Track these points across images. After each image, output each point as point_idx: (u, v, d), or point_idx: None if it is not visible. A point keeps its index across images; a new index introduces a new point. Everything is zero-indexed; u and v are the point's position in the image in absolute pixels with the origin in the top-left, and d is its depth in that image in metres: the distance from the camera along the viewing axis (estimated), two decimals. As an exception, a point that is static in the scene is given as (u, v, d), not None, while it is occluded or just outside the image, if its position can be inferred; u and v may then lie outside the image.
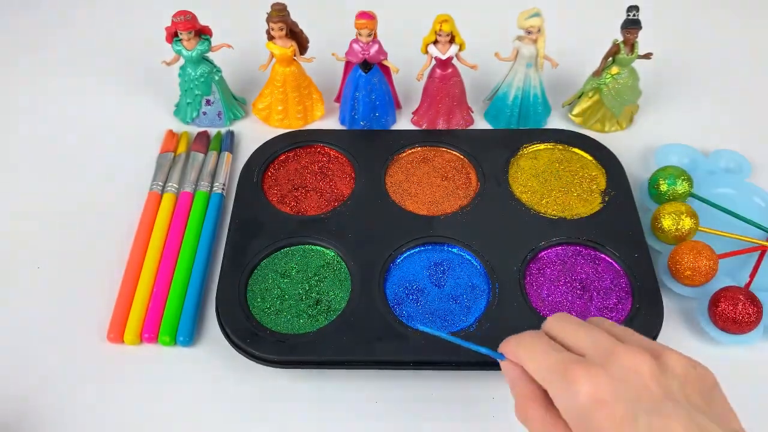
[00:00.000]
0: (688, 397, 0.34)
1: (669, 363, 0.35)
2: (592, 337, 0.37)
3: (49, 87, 0.74)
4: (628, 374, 0.34)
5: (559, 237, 0.56)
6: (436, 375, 0.51)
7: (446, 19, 0.59)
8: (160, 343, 0.52)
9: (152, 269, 0.56)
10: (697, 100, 0.71)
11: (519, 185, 0.61)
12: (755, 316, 0.51)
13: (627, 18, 0.61)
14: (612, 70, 0.64)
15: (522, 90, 0.65)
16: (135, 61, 0.75)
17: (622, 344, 0.36)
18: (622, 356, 0.35)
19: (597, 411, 0.33)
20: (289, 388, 0.50)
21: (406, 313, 0.52)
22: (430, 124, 0.67)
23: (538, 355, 0.37)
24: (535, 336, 0.39)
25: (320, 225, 0.57)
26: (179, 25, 0.61)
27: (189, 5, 0.63)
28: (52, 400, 0.50)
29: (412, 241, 0.56)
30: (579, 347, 0.37)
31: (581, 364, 0.35)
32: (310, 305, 0.53)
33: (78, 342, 0.53)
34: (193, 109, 0.67)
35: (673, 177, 0.58)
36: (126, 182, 0.63)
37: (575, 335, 0.38)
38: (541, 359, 0.37)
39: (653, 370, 0.34)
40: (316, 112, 0.68)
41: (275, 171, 0.63)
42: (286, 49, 0.63)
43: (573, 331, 0.38)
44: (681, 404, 0.33)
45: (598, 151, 0.63)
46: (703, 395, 0.35)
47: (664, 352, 0.36)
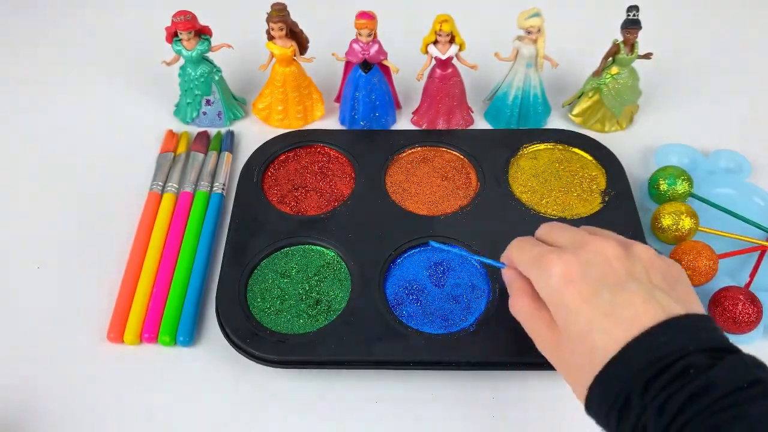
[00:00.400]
0: (650, 278, 0.38)
1: (636, 250, 0.40)
2: (571, 233, 0.42)
3: (49, 87, 0.74)
4: (595, 258, 0.39)
5: (559, 237, 0.56)
6: (436, 375, 0.51)
7: (446, 19, 0.59)
8: (160, 343, 0.52)
9: (152, 269, 0.56)
10: (698, 100, 0.71)
11: (519, 185, 0.61)
12: (755, 316, 0.51)
13: (627, 18, 0.61)
14: (612, 70, 0.64)
15: (522, 90, 0.65)
16: (135, 61, 0.75)
17: (596, 235, 0.41)
18: (592, 244, 0.40)
19: (566, 289, 0.38)
20: (289, 388, 0.50)
21: (406, 313, 0.52)
22: (430, 124, 0.67)
23: (524, 251, 0.43)
24: (524, 238, 0.45)
25: (320, 225, 0.57)
26: (179, 25, 0.61)
27: (189, 5, 0.63)
28: (52, 400, 0.50)
29: (413, 241, 0.56)
30: (559, 242, 0.42)
31: (555, 252, 0.40)
32: (310, 305, 0.53)
33: (78, 342, 0.53)
34: (193, 109, 0.67)
35: (673, 177, 0.58)
36: (126, 182, 0.63)
37: (558, 234, 0.43)
38: (525, 253, 0.42)
39: (619, 254, 0.39)
40: (316, 112, 0.68)
41: (275, 171, 0.63)
42: (286, 49, 0.63)
43: (557, 232, 0.43)
44: (642, 283, 0.38)
45: (598, 151, 0.63)
46: (667, 280, 0.39)
47: (634, 243, 0.41)
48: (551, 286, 0.39)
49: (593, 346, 0.36)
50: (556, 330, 0.40)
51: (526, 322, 0.43)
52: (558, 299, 0.39)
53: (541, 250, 0.41)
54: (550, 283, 0.39)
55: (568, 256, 0.39)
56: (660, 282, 0.38)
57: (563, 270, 0.39)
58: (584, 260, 0.39)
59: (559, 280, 0.39)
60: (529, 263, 0.41)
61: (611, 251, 0.39)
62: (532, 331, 0.42)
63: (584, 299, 0.38)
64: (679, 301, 0.37)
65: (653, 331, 0.35)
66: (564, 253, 0.40)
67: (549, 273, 0.39)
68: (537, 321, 0.42)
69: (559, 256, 0.39)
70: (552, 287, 0.39)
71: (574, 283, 0.38)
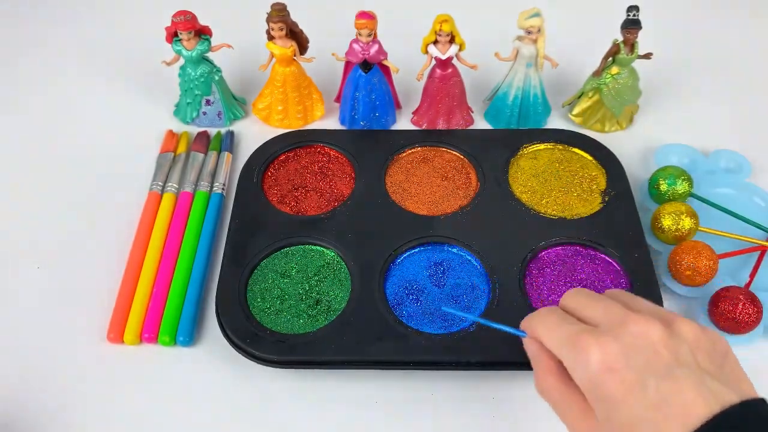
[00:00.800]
0: (698, 362, 0.35)
1: (679, 329, 0.36)
2: (605, 307, 0.38)
3: (49, 87, 0.74)
4: (637, 341, 0.35)
5: (559, 237, 0.56)
6: (436, 375, 0.51)
7: (446, 19, 0.59)
8: (160, 343, 0.52)
9: (152, 269, 0.56)
10: (698, 100, 0.71)
11: (519, 185, 0.61)
12: (755, 316, 0.51)
13: (627, 18, 0.61)
14: (612, 70, 0.64)
15: (522, 90, 0.65)
16: (135, 61, 0.75)
17: (633, 313, 0.36)
18: (632, 324, 0.35)
19: (608, 378, 0.34)
20: (289, 388, 0.50)
21: (406, 313, 0.52)
22: (430, 124, 0.67)
23: (553, 328, 0.38)
24: (551, 310, 0.40)
25: (320, 225, 0.57)
26: (179, 25, 0.61)
27: (189, 5, 0.63)
28: (52, 400, 0.50)
29: (413, 241, 0.56)
30: (592, 318, 0.38)
31: (592, 334, 0.36)
32: (310, 305, 0.53)
33: (78, 342, 0.53)
34: (193, 109, 0.67)
35: (673, 177, 0.58)
36: (126, 182, 0.63)
37: (589, 307, 0.39)
38: (555, 331, 0.38)
39: (663, 336, 0.35)
40: (316, 112, 0.68)
41: (275, 171, 0.63)
42: (286, 49, 0.63)
43: (587, 304, 0.39)
44: (691, 368, 0.34)
45: (598, 151, 0.63)
46: (714, 360, 0.35)
47: (676, 319, 0.37)
48: (590, 374, 0.35)
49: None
50: (593, 417, 0.36)
51: (557, 405, 0.38)
52: (597, 388, 0.35)
53: (574, 329, 0.37)
54: (588, 370, 0.35)
55: (607, 338, 0.35)
56: (708, 364, 0.35)
57: (602, 356, 0.35)
58: (626, 345, 0.35)
59: (597, 367, 0.34)
60: (560, 344, 0.37)
61: (655, 333, 0.35)
62: (563, 415, 0.38)
63: (629, 390, 0.34)
64: (731, 385, 0.34)
65: (709, 426, 0.31)
66: (602, 336, 0.35)
67: (586, 359, 0.35)
68: (570, 405, 0.37)
69: (596, 340, 0.35)
70: (590, 375, 0.35)
71: (615, 371, 0.34)
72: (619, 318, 0.36)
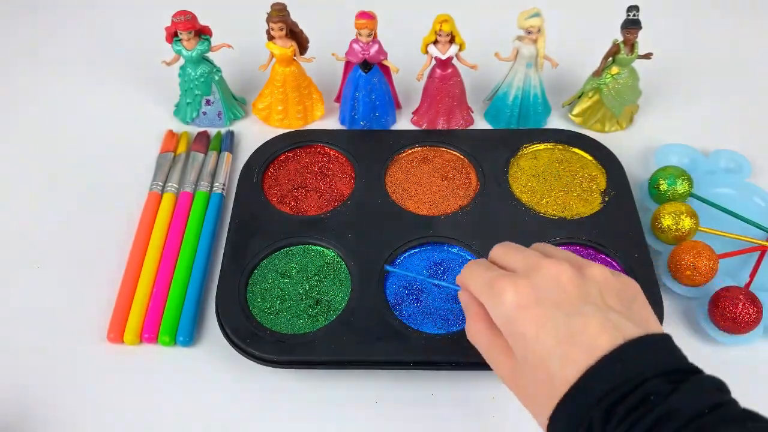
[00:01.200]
0: (605, 300, 0.37)
1: (590, 272, 0.39)
2: (524, 255, 0.41)
3: (49, 87, 0.74)
4: (548, 282, 0.38)
5: (559, 237, 0.56)
6: (436, 375, 0.51)
7: (446, 19, 0.59)
8: (160, 343, 0.52)
9: (152, 269, 0.56)
10: (697, 100, 0.71)
11: (519, 185, 0.61)
12: (755, 316, 0.51)
13: (627, 18, 0.61)
14: (612, 70, 0.64)
15: (522, 90, 0.65)
16: (135, 61, 0.75)
17: (547, 258, 0.39)
18: (545, 267, 0.39)
19: (520, 315, 0.37)
20: (289, 388, 0.50)
21: (406, 313, 0.52)
22: (430, 124, 0.67)
23: (476, 276, 0.41)
24: (477, 262, 0.43)
25: (320, 225, 0.57)
26: (179, 25, 0.61)
27: (189, 5, 0.63)
28: (52, 400, 0.50)
29: (413, 241, 0.56)
30: (512, 266, 0.41)
31: (507, 277, 0.39)
32: (310, 305, 0.53)
33: (78, 342, 0.53)
34: (193, 109, 0.67)
35: (673, 177, 0.58)
36: (126, 182, 0.63)
37: (511, 256, 0.42)
38: (477, 278, 0.41)
39: (572, 277, 0.38)
40: (316, 112, 0.68)
41: (275, 171, 0.63)
42: (286, 49, 0.63)
43: (509, 253, 0.42)
44: (598, 306, 0.37)
45: (598, 151, 0.63)
46: (622, 301, 0.38)
47: (588, 263, 0.40)
48: (504, 313, 0.38)
49: (551, 374, 0.35)
50: (513, 357, 0.38)
51: (483, 349, 0.41)
52: (512, 326, 0.38)
53: (493, 275, 0.40)
54: (503, 310, 0.38)
55: (521, 280, 0.38)
56: (615, 303, 0.37)
57: (516, 296, 0.38)
58: (537, 285, 0.38)
59: (512, 307, 0.38)
60: (482, 289, 0.40)
61: (565, 274, 0.38)
62: (489, 358, 0.41)
63: (539, 325, 0.36)
64: (636, 322, 0.36)
65: (611, 357, 0.34)
66: (517, 278, 0.38)
67: (501, 299, 0.38)
68: (494, 348, 0.40)
69: (511, 281, 0.38)
70: (505, 314, 0.38)
71: (527, 309, 0.37)
72: (534, 263, 0.39)
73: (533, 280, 0.38)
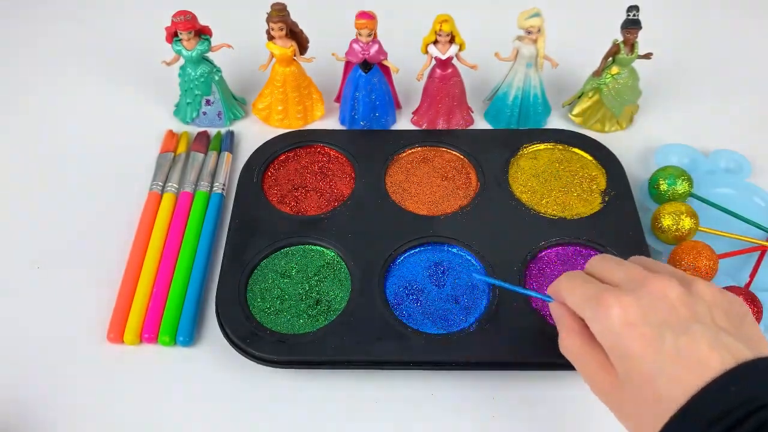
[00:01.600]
0: (714, 319, 0.36)
1: (697, 289, 0.37)
2: (626, 270, 0.40)
3: (49, 87, 0.74)
4: (656, 299, 0.36)
5: (559, 237, 0.56)
6: (436, 375, 0.51)
7: (446, 19, 0.59)
8: (160, 343, 0.52)
9: (152, 269, 0.56)
10: (697, 100, 0.71)
11: (519, 185, 0.61)
12: (755, 316, 0.50)
13: (627, 18, 0.61)
14: (612, 70, 0.64)
15: (522, 90, 0.65)
16: (135, 61, 0.75)
17: (653, 273, 0.38)
18: (651, 283, 0.37)
19: (627, 333, 0.36)
20: (289, 388, 0.50)
21: (406, 313, 0.52)
22: (430, 124, 0.67)
23: (576, 289, 0.40)
24: (574, 274, 0.42)
25: (320, 225, 0.57)
26: (179, 25, 0.61)
27: (189, 5, 0.63)
28: (51, 400, 0.50)
29: (413, 241, 0.56)
30: (614, 280, 0.40)
31: (612, 292, 0.37)
32: (310, 305, 0.53)
33: (78, 342, 0.53)
34: (193, 109, 0.67)
35: (673, 177, 0.58)
36: (126, 182, 0.63)
37: (611, 270, 0.40)
38: (577, 291, 0.40)
39: (681, 294, 0.37)
40: (316, 112, 0.68)
41: (275, 171, 0.63)
42: (286, 49, 0.63)
43: (609, 267, 0.41)
44: (707, 325, 0.35)
45: (598, 151, 0.63)
46: (731, 320, 0.36)
47: (695, 280, 0.38)
48: (609, 329, 0.37)
49: (658, 394, 0.34)
50: (613, 373, 0.37)
51: (578, 363, 0.40)
52: (617, 343, 0.36)
53: (595, 288, 0.39)
54: (608, 326, 0.37)
55: (627, 297, 0.37)
56: (725, 322, 0.36)
57: (622, 312, 0.36)
58: (644, 301, 0.36)
59: (618, 323, 0.36)
60: (583, 302, 0.39)
61: (673, 291, 0.36)
62: (585, 372, 0.39)
63: (647, 344, 0.35)
64: (747, 343, 0.35)
65: (722, 380, 0.33)
66: (622, 294, 0.37)
67: (606, 315, 0.37)
68: (590, 362, 0.39)
69: (616, 297, 0.37)
70: (610, 330, 0.36)
71: (635, 326, 0.36)
72: (640, 278, 0.38)
73: (640, 296, 0.37)
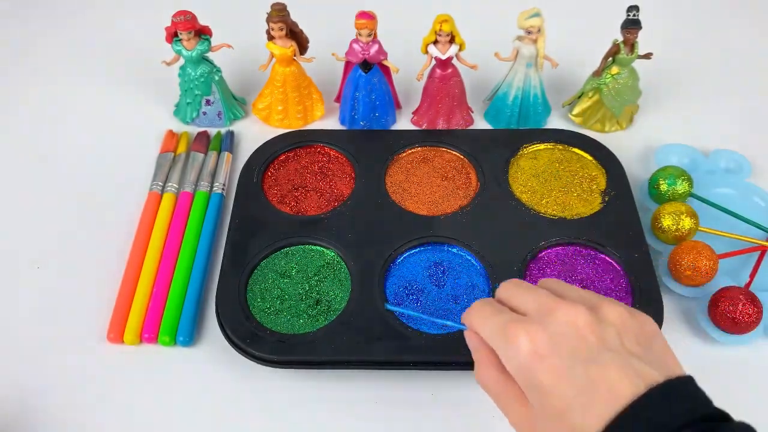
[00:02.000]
0: (624, 344, 0.35)
1: (605, 313, 0.37)
2: (535, 297, 0.38)
3: (49, 87, 0.74)
4: (564, 328, 0.36)
5: (559, 237, 0.56)
6: (436, 375, 0.51)
7: (446, 19, 0.59)
8: (160, 343, 0.52)
9: (152, 269, 0.56)
10: (697, 100, 0.71)
11: (519, 185, 0.61)
12: (755, 316, 0.50)
13: (627, 18, 0.61)
14: (612, 70, 0.64)
15: (522, 90, 0.65)
16: (135, 61, 0.75)
17: (561, 300, 0.37)
18: (559, 312, 0.36)
19: (537, 365, 0.35)
20: (288, 389, 0.50)
21: (406, 313, 0.52)
22: (430, 124, 0.67)
23: (486, 319, 0.39)
24: (485, 302, 0.41)
25: (320, 225, 0.57)
26: (179, 25, 0.61)
27: (189, 5, 0.63)
28: (51, 400, 0.50)
29: (413, 241, 0.56)
30: (523, 308, 0.39)
31: (520, 323, 0.37)
32: (310, 305, 0.53)
33: (78, 342, 0.53)
34: (193, 109, 0.67)
35: (673, 177, 0.58)
36: (126, 182, 0.63)
37: (521, 297, 0.39)
38: (487, 323, 0.39)
39: (589, 321, 0.36)
40: (316, 112, 0.68)
41: (275, 171, 0.63)
42: (286, 49, 0.63)
43: (519, 294, 0.40)
44: (617, 352, 0.35)
45: (598, 151, 0.63)
46: (641, 342, 0.36)
47: (602, 303, 0.38)
48: (519, 362, 0.36)
49: (572, 426, 0.33)
50: (529, 405, 0.36)
51: (494, 396, 0.39)
52: (528, 376, 0.35)
53: (503, 319, 0.38)
54: (518, 359, 0.36)
55: (534, 326, 0.36)
56: (634, 346, 0.35)
57: (530, 344, 0.35)
58: (553, 331, 0.36)
59: (526, 355, 0.35)
60: (493, 334, 0.38)
61: (581, 319, 0.36)
62: (501, 405, 0.39)
63: (557, 376, 0.34)
64: (657, 365, 0.34)
65: (634, 406, 0.32)
66: (530, 324, 0.36)
67: (516, 347, 0.36)
68: (506, 395, 0.38)
69: (525, 328, 0.36)
70: (520, 363, 0.36)
71: (544, 358, 0.35)
72: (548, 306, 0.37)
73: (547, 325, 0.36)
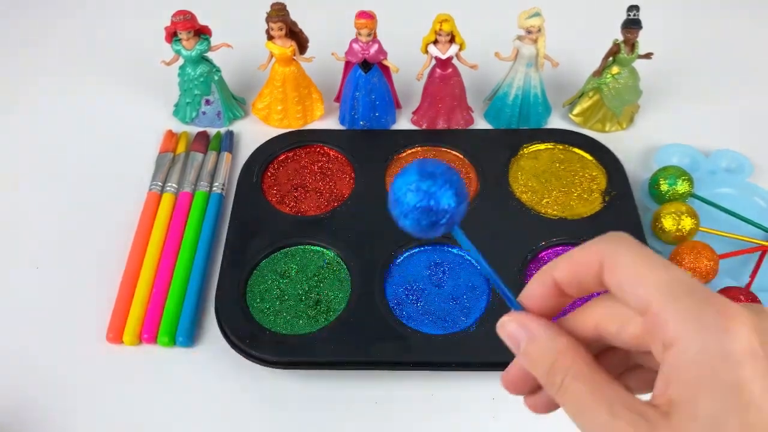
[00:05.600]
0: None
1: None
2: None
3: (49, 87, 0.74)
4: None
5: (559, 237, 0.56)
6: (436, 375, 0.51)
7: (446, 18, 0.59)
8: (159, 343, 0.52)
9: (151, 269, 0.56)
10: (698, 100, 0.71)
11: (519, 185, 0.61)
12: (756, 317, 0.50)
13: (627, 18, 0.60)
14: (612, 70, 0.64)
15: (522, 90, 0.65)
16: (135, 61, 0.75)
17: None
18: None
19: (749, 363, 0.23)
20: (288, 389, 0.50)
21: (406, 313, 0.52)
22: (430, 124, 0.66)
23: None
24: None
25: (320, 225, 0.57)
26: (178, 25, 0.61)
27: (189, 5, 0.63)
28: (51, 400, 0.50)
29: (413, 241, 0.56)
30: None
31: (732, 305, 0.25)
32: (309, 306, 0.53)
33: (77, 342, 0.52)
34: (193, 108, 0.67)
35: (673, 177, 0.58)
36: (125, 182, 0.63)
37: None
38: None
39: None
40: (315, 112, 0.68)
41: (275, 171, 0.63)
42: (286, 49, 0.63)
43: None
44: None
45: (599, 151, 0.63)
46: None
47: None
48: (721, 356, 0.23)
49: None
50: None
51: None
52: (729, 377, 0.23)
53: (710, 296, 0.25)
54: (722, 349, 0.23)
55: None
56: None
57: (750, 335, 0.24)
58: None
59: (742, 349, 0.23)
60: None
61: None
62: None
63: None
64: None
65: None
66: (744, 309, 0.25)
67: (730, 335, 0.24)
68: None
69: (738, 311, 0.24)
70: (723, 357, 0.23)
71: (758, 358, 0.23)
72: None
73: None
